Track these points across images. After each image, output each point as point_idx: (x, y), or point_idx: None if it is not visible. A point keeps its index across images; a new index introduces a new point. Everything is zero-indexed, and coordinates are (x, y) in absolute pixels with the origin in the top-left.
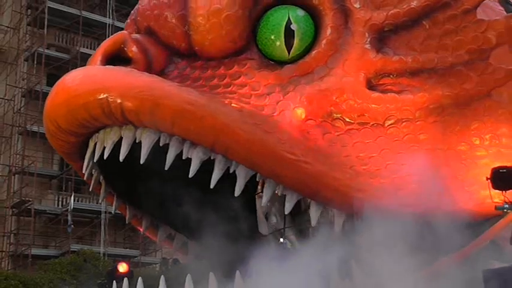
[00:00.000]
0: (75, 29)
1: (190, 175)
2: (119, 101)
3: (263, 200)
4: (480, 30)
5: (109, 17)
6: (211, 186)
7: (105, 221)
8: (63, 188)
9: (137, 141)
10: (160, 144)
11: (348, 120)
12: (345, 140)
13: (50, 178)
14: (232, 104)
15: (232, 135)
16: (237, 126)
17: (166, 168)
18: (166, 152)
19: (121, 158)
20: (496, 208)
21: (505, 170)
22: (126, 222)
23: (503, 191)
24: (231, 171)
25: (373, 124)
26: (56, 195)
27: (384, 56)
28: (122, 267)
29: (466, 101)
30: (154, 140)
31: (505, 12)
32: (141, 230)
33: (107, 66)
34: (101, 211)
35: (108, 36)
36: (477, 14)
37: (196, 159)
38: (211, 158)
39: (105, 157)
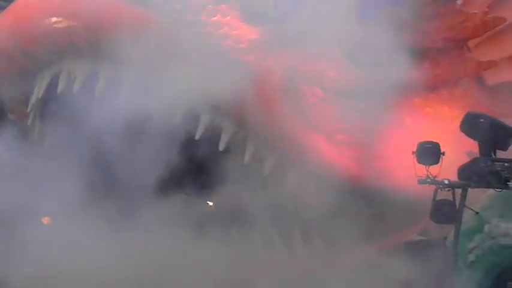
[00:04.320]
0: None
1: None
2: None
3: None
4: (458, 20)
5: None
6: None
7: None
8: None
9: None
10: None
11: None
12: (322, 108)
13: None
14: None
15: None
16: None
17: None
18: None
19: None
20: (419, 182)
21: (430, 145)
22: None
23: (427, 166)
24: None
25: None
26: None
27: None
28: None
29: (434, 85)
30: None
31: None
32: None
33: None
34: None
35: None
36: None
37: None
38: None
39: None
